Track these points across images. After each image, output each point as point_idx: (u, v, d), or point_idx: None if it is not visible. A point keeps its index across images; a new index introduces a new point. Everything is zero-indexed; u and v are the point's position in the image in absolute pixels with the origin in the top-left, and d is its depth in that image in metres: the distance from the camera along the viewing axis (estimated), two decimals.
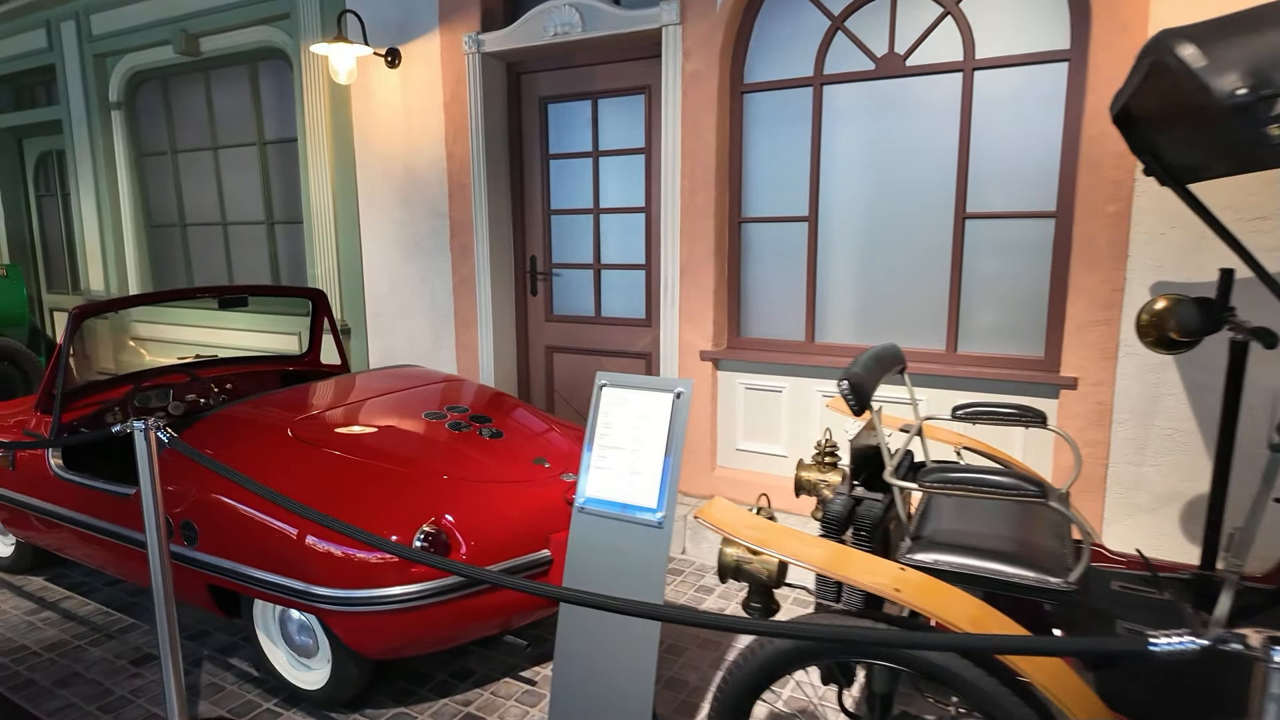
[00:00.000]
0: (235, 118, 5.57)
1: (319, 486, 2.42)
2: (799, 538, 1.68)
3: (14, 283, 5.02)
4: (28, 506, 3.08)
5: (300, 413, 2.82)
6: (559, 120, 4.31)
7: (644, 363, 4.23)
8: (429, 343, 4.67)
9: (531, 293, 4.53)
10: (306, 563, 2.29)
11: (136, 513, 2.69)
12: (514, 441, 2.87)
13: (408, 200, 4.58)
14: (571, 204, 4.34)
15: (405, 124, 4.49)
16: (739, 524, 1.71)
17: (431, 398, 3.15)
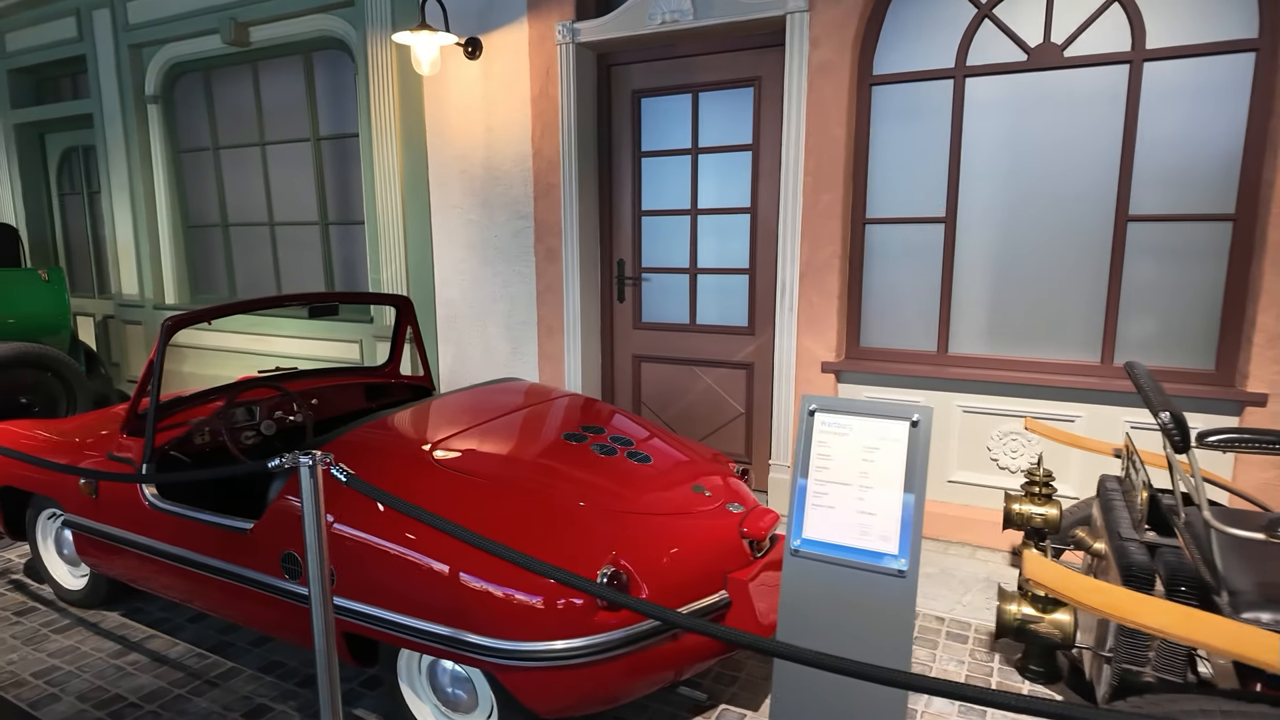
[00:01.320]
0: (286, 112, 5.26)
1: (481, 522, 2.14)
2: (1137, 599, 1.43)
3: (56, 288, 4.70)
4: (117, 540, 2.79)
5: (434, 436, 2.54)
6: (653, 115, 4.05)
7: (745, 374, 3.98)
8: (507, 352, 4.40)
9: (618, 299, 4.26)
10: (475, 609, 2.02)
11: (257, 550, 2.40)
12: (664, 467, 2.61)
13: (486, 201, 4.30)
14: (665, 205, 4.08)
15: (486, 120, 4.21)
16: (1067, 584, 1.46)
17: (562, 417, 2.88)
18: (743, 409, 4.02)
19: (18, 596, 3.34)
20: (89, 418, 3.33)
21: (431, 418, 2.75)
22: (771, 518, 2.42)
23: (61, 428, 3.24)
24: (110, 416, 3.31)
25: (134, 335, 6.11)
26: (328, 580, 1.88)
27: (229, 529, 2.47)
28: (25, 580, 3.49)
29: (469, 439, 2.56)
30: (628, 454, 2.62)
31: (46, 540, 3.28)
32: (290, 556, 2.33)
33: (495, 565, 2.02)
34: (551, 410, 2.94)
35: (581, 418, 2.89)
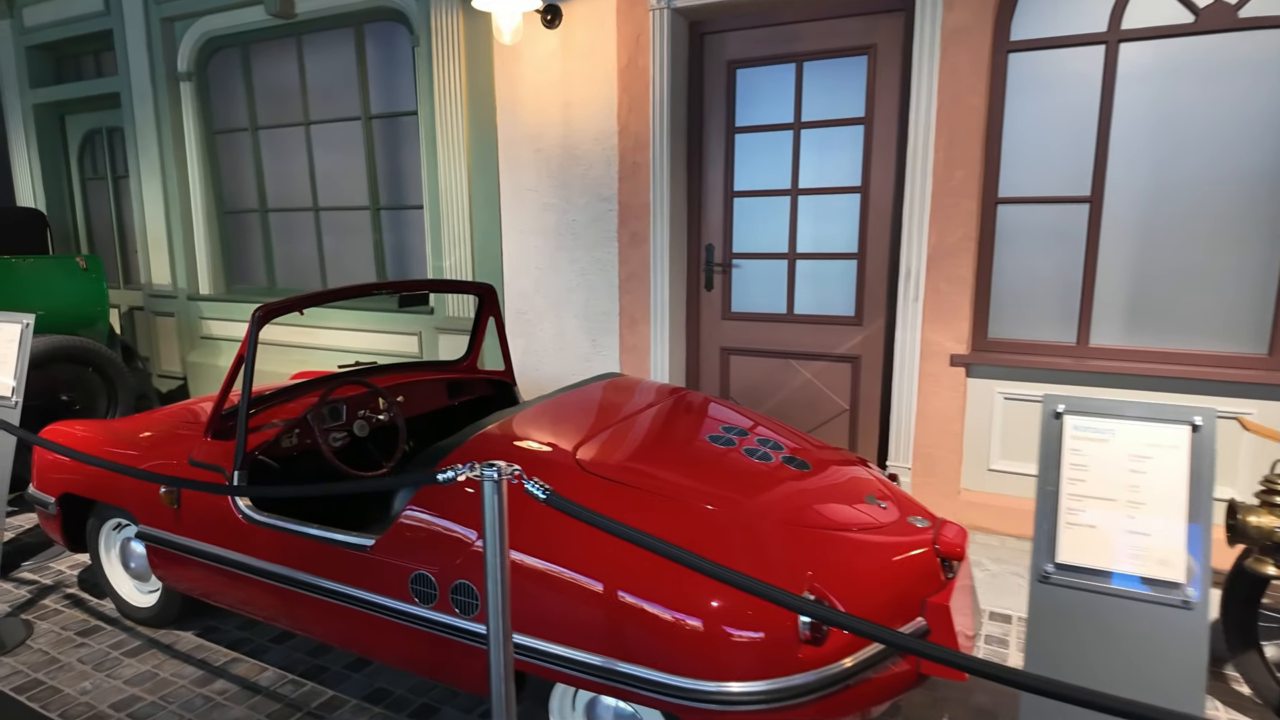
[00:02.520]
0: (333, 89, 4.94)
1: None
2: None
3: (94, 276, 4.37)
4: (203, 556, 2.49)
5: (572, 441, 2.26)
6: (749, 87, 3.75)
7: (849, 367, 3.70)
8: (584, 344, 4.10)
9: (706, 287, 3.97)
10: (657, 642, 1.74)
11: (380, 570, 2.12)
12: (827, 474, 2.32)
13: (564, 183, 4.00)
14: (759, 185, 3.79)
15: (564, 94, 3.91)
16: None
17: (695, 416, 2.60)
18: (846, 405, 3.74)
19: (78, 614, 3.04)
20: (155, 417, 3.03)
21: (556, 420, 2.46)
22: (963, 533, 2.14)
23: (127, 429, 2.94)
24: (181, 416, 3.01)
25: (165, 327, 5.79)
26: (508, 615, 1.59)
27: (344, 546, 2.18)
28: (82, 594, 3.20)
29: (609, 444, 2.27)
30: (784, 459, 2.34)
31: (110, 553, 2.99)
32: (423, 578, 2.05)
33: (685, 592, 1.74)
34: (680, 409, 2.66)
35: (717, 417, 2.61)
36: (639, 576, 1.77)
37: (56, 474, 2.92)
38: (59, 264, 4.23)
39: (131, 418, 3.10)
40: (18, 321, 3.39)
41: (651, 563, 1.78)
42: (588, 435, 2.31)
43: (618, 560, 1.81)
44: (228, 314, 5.49)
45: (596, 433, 2.34)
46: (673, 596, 1.74)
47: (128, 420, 3.07)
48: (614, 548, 1.84)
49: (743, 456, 2.29)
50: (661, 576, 1.76)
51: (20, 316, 3.39)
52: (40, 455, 3.02)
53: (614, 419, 2.48)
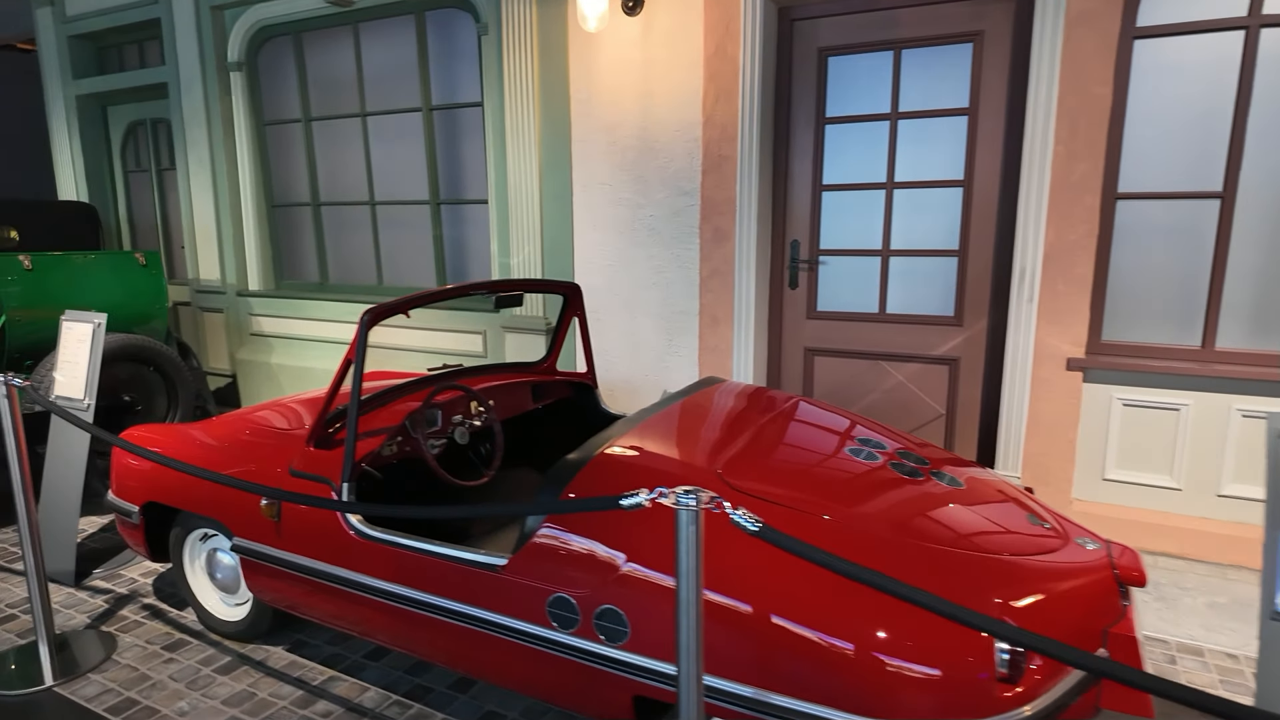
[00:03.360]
0: (390, 79, 4.79)
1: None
2: None
3: (153, 273, 4.25)
4: (309, 573, 2.37)
5: (710, 458, 2.11)
6: (842, 76, 3.58)
7: (947, 370, 3.55)
8: (660, 345, 3.96)
9: (790, 285, 3.82)
10: (840, 679, 1.60)
11: (513, 592, 1.99)
12: (983, 493, 2.18)
13: (641, 176, 3.85)
14: (851, 178, 3.63)
15: (645, 85, 3.75)
16: None
17: (825, 427, 2.45)
18: (942, 410, 3.59)
19: (160, 626, 2.93)
20: (236, 423, 2.90)
21: (682, 433, 2.32)
22: (1137, 556, 1.99)
23: (211, 434, 2.82)
24: (267, 422, 2.88)
25: (213, 324, 5.67)
26: (700, 657, 1.45)
27: (472, 565, 2.05)
28: (160, 605, 3.08)
29: (749, 460, 2.13)
30: (933, 474, 2.19)
31: (194, 564, 2.87)
32: (563, 602, 1.91)
33: (875, 625, 1.60)
34: (806, 418, 2.51)
35: (847, 427, 2.46)
36: (827, 609, 1.63)
37: (140, 481, 2.80)
38: (119, 260, 4.11)
39: (209, 422, 2.98)
40: (89, 321, 3.28)
41: (839, 594, 1.64)
42: (723, 450, 2.17)
43: (793, 589, 1.67)
44: (278, 310, 5.37)
45: (731, 447, 2.20)
46: (863, 631, 1.60)
47: (207, 425, 2.95)
48: (786, 575, 1.70)
49: (893, 474, 2.14)
50: (851, 609, 1.62)
51: (91, 316, 3.28)
52: (121, 461, 2.91)
53: (742, 431, 2.33)
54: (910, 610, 1.62)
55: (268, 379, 5.39)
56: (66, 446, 3.29)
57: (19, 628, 2.92)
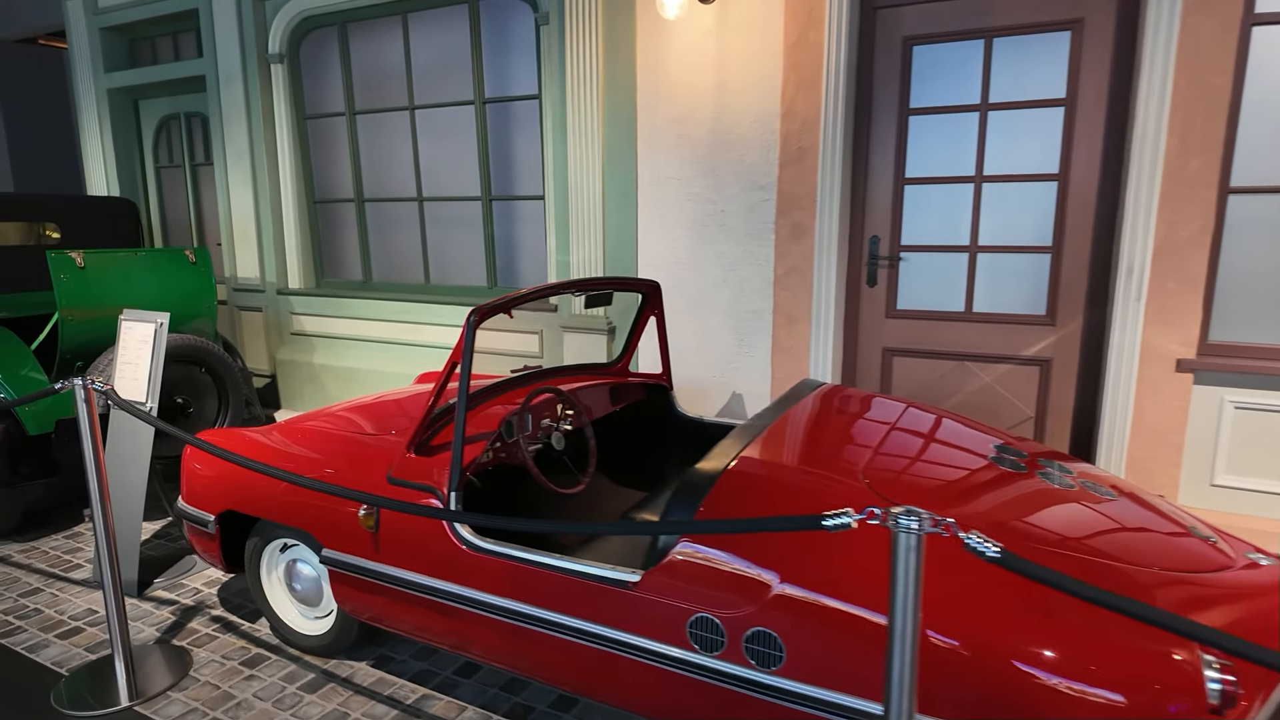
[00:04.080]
0: (440, 71, 4.66)
1: (1019, 591, 1.59)
2: None
3: (202, 270, 4.12)
4: (410, 586, 2.24)
5: (845, 469, 1.98)
6: (927, 66, 3.45)
7: (1038, 371, 3.42)
8: (730, 345, 3.83)
9: (868, 282, 3.69)
10: (1042, 710, 1.48)
11: (648, 611, 1.86)
12: (1139, 504, 2.05)
13: (713, 170, 3.71)
14: (934, 171, 3.50)
15: (717, 74, 3.62)
16: None
17: (958, 434, 2.32)
18: (1032, 412, 3.46)
19: (234, 640, 2.80)
20: (314, 425, 2.78)
21: (810, 444, 2.18)
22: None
23: (289, 438, 2.69)
24: (349, 424, 2.75)
25: (251, 323, 5.54)
26: (913, 696, 1.32)
27: (600, 581, 1.92)
28: (230, 616, 2.95)
29: (894, 473, 2.00)
30: (1086, 486, 2.06)
31: (271, 575, 2.74)
32: (707, 623, 1.79)
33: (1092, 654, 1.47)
34: (930, 424, 2.38)
35: (980, 433, 2.34)
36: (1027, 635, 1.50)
37: (216, 488, 2.67)
38: (168, 257, 3.98)
39: (284, 428, 2.85)
40: (150, 321, 3.15)
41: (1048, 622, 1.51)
42: (859, 459, 2.04)
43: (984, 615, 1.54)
44: (320, 309, 5.24)
45: (866, 456, 2.07)
46: (1067, 662, 1.47)
47: (284, 429, 2.82)
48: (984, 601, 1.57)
49: (1047, 485, 2.01)
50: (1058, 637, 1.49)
51: (153, 316, 3.15)
52: (193, 467, 2.78)
53: (871, 438, 2.20)
54: (1122, 639, 1.49)
55: (310, 380, 5.26)
56: (129, 450, 3.16)
57: (86, 642, 2.79)
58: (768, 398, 3.77)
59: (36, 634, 2.85)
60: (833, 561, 1.68)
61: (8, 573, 3.34)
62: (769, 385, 3.76)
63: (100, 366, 3.58)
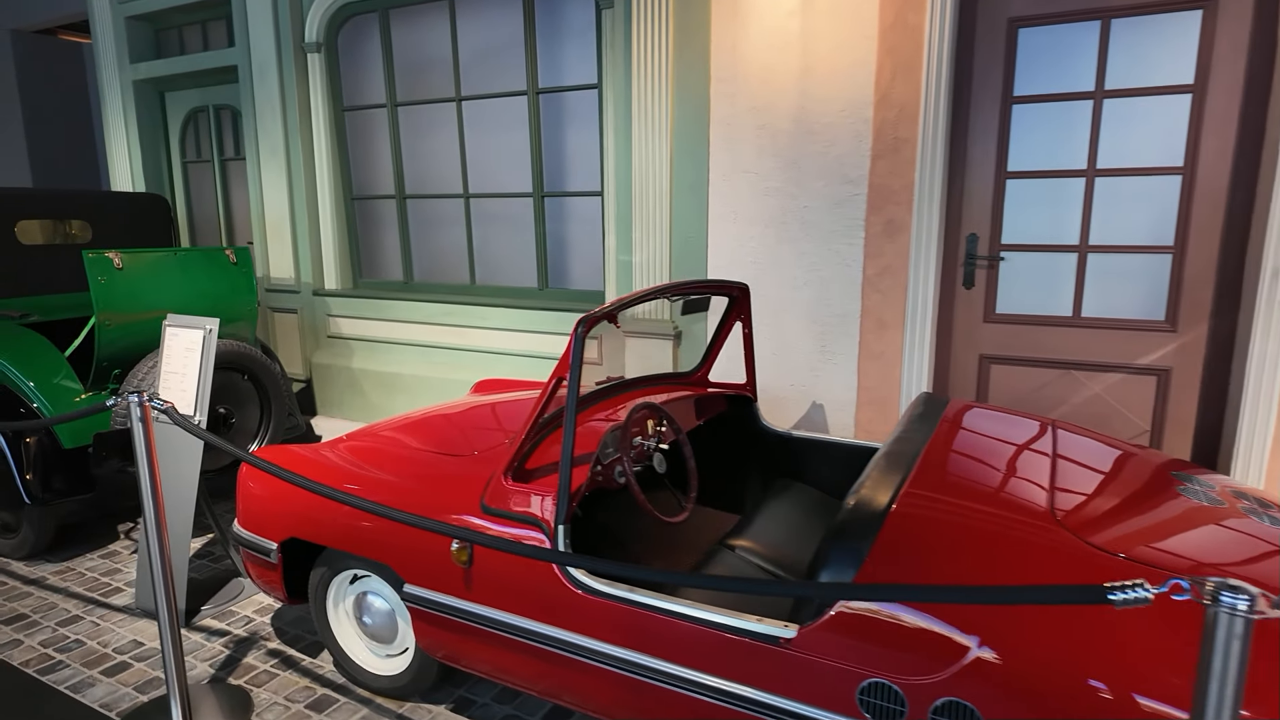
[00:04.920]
0: (490, 59, 4.40)
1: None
2: None
3: (243, 271, 3.87)
4: (508, 630, 1.98)
5: (1028, 501, 1.72)
6: (1033, 50, 3.18)
7: (1155, 381, 3.15)
8: (811, 351, 3.57)
9: (965, 284, 3.42)
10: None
11: (804, 672, 1.60)
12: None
13: (795, 162, 3.45)
14: (1038, 163, 3.22)
15: (801, 60, 3.35)
16: None
17: (1129, 459, 2.06)
18: (1147, 425, 3.19)
19: (295, 678, 2.55)
20: (385, 441, 2.52)
21: (970, 470, 1.92)
22: None
23: (358, 456, 2.44)
24: (425, 440, 2.50)
25: (285, 325, 5.30)
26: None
27: (744, 635, 1.66)
28: (287, 650, 2.71)
29: (1084, 506, 1.74)
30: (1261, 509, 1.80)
31: (339, 608, 2.49)
32: (882, 690, 1.53)
33: None
34: (1088, 447, 2.12)
35: (1151, 456, 2.07)
36: None
37: (278, 513, 2.42)
38: (208, 257, 3.74)
39: (349, 443, 2.60)
40: (198, 328, 2.90)
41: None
42: (1039, 494, 1.78)
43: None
44: (359, 311, 4.99)
45: (1045, 489, 1.81)
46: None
47: (348, 445, 2.57)
48: None
49: (1262, 524, 1.74)
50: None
51: (200, 321, 2.90)
52: (249, 487, 2.53)
53: (1043, 472, 1.93)
54: None
55: (349, 385, 5.02)
56: (176, 467, 2.92)
57: (135, 680, 2.55)
58: (853, 408, 3.51)
59: (80, 669, 2.61)
60: (1060, 625, 1.41)
61: (44, 598, 3.11)
62: (854, 395, 3.49)
63: (139, 375, 3.34)
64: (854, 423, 3.51)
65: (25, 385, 3.31)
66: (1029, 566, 1.53)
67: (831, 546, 1.64)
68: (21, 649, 2.74)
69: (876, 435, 3.48)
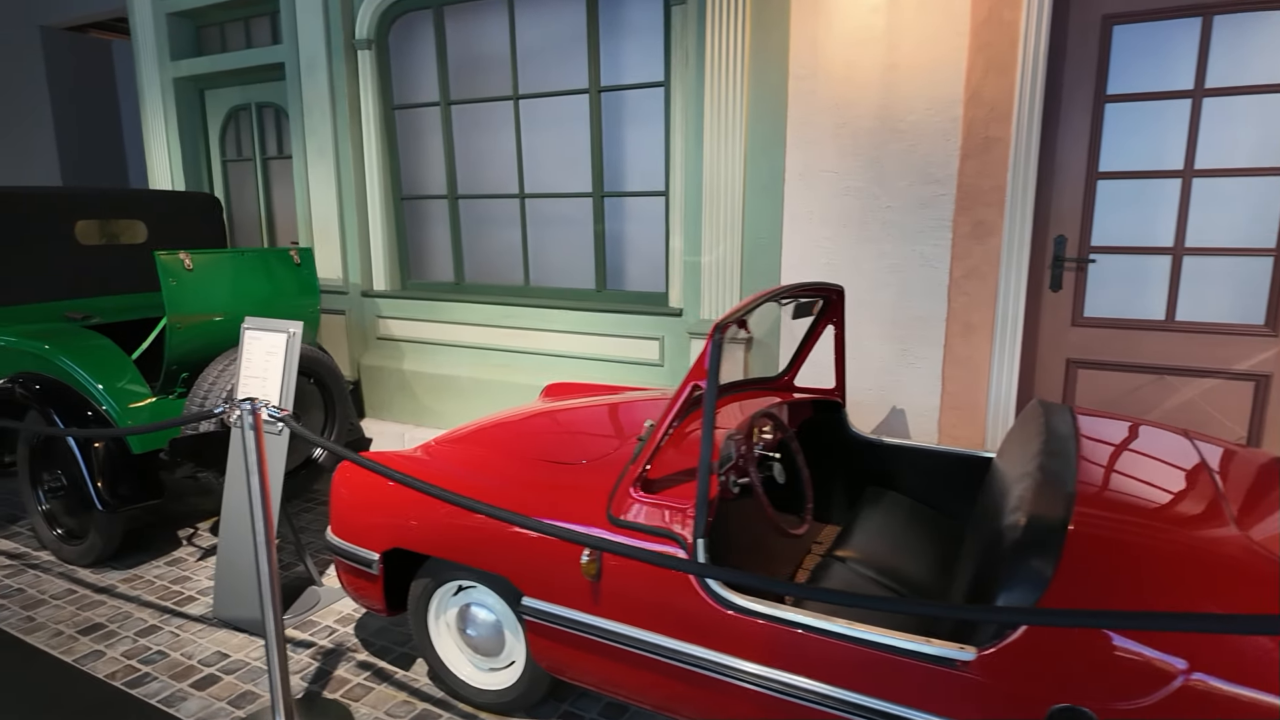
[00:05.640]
0: (548, 56, 4.33)
1: None
2: None
3: (306, 272, 3.80)
4: (643, 647, 1.91)
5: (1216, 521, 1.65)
6: (1129, 47, 3.10)
7: (1252, 387, 3.07)
8: (889, 355, 3.49)
9: (1052, 287, 3.35)
10: None
11: (985, 697, 1.53)
12: None
13: (877, 161, 3.37)
14: (1130, 164, 3.15)
15: (887, 56, 3.28)
16: None
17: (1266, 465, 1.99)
18: (1244, 432, 3.11)
19: (392, 692, 2.48)
20: (491, 447, 2.45)
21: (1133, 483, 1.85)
22: None
23: (456, 459, 2.37)
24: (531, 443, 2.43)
25: (332, 327, 5.22)
26: None
27: (915, 657, 1.59)
28: (377, 661, 2.63)
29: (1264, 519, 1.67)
30: None
31: (440, 619, 2.42)
32: (1076, 715, 1.45)
33: None
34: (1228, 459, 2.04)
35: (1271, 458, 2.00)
36: None
37: (379, 521, 2.35)
38: (273, 257, 3.67)
39: (442, 449, 2.53)
40: (280, 331, 2.83)
41: None
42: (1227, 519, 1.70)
43: None
44: (409, 313, 4.92)
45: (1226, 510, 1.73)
46: None
47: (444, 452, 2.50)
48: None
49: None
50: None
51: (282, 324, 2.83)
52: (343, 493, 2.46)
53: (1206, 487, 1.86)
54: None
55: (399, 387, 4.95)
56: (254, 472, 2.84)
57: (228, 694, 2.48)
58: (936, 413, 3.43)
59: (168, 682, 2.54)
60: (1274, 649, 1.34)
61: (117, 606, 3.04)
62: (937, 400, 3.42)
63: (210, 379, 3.27)
64: (937, 429, 3.44)
65: (94, 388, 3.24)
66: (1239, 590, 1.46)
67: (1014, 568, 1.57)
68: (104, 660, 2.67)
69: (961, 441, 3.41)
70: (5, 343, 3.42)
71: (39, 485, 3.46)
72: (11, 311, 3.58)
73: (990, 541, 1.86)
